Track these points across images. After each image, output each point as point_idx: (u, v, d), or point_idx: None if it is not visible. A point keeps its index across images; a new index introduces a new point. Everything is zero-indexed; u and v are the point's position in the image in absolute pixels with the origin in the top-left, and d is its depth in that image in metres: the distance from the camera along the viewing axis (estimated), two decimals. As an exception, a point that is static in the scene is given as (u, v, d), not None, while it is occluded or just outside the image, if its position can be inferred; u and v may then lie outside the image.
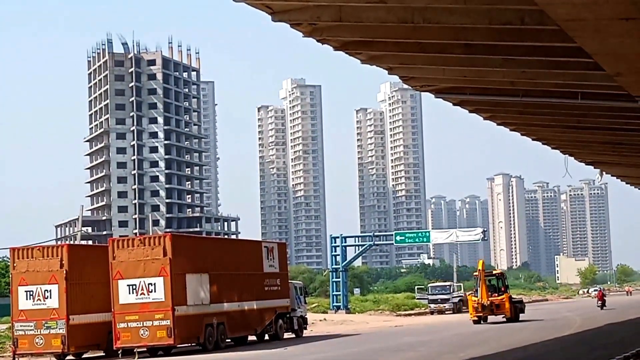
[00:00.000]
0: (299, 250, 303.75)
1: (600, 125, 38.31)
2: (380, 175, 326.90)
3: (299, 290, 45.88)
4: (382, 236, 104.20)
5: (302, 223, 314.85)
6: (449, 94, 35.09)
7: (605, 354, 23.94)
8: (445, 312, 76.27)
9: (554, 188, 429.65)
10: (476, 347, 30.33)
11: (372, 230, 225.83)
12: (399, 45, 28.67)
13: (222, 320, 36.96)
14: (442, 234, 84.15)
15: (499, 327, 45.63)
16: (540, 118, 38.67)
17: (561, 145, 46.73)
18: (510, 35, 26.65)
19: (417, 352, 30.29)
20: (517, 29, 26.60)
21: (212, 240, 54.13)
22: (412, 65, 30.96)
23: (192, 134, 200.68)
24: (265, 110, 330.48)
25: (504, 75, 30.61)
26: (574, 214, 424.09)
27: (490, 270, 56.67)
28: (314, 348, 35.46)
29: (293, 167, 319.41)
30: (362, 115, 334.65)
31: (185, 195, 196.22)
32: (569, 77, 29.34)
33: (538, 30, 26.13)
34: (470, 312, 51.40)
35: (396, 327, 52.70)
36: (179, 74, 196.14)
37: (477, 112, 38.91)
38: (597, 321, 43.72)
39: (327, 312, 76.45)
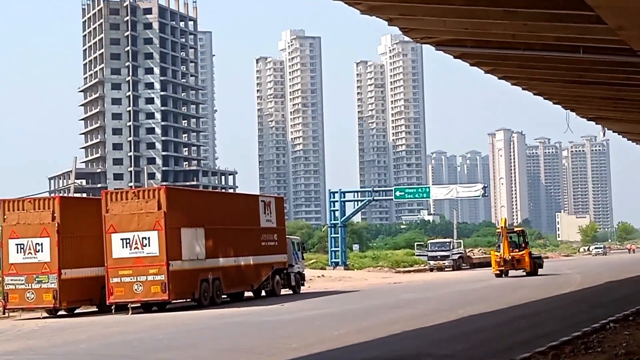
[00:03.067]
0: (297, 206, 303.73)
1: (601, 80, 37.74)
2: (380, 129, 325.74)
3: (296, 245, 45.55)
4: (381, 191, 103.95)
5: (300, 178, 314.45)
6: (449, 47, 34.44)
7: (605, 313, 23.60)
8: (444, 269, 75.94)
9: (555, 144, 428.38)
10: (475, 304, 30.00)
11: (371, 186, 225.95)
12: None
13: (218, 275, 36.61)
14: (442, 190, 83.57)
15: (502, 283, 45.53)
16: (541, 72, 38.08)
17: (562, 101, 46.14)
18: (511, -14, 25.98)
19: (414, 309, 29.96)
20: (518, -20, 25.88)
21: (208, 194, 53.55)
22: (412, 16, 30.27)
23: (189, 85, 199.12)
24: (264, 62, 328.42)
25: (505, 28, 29.97)
26: (575, 171, 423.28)
27: (512, 227, 60.42)
28: (311, 304, 35.10)
29: (292, 121, 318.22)
30: (363, 68, 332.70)
31: (181, 148, 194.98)
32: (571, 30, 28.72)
33: (540, -19, 25.44)
34: (492, 266, 54.77)
35: (395, 284, 52.42)
36: (176, 23, 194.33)
37: (478, 66, 38.27)
38: (598, 279, 43.43)
39: (325, 269, 76.20)
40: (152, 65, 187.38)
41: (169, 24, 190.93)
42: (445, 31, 31.69)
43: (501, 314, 26.43)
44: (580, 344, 16.60)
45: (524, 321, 23.06)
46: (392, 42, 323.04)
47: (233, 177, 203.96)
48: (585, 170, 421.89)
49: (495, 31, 30.65)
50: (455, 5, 27.76)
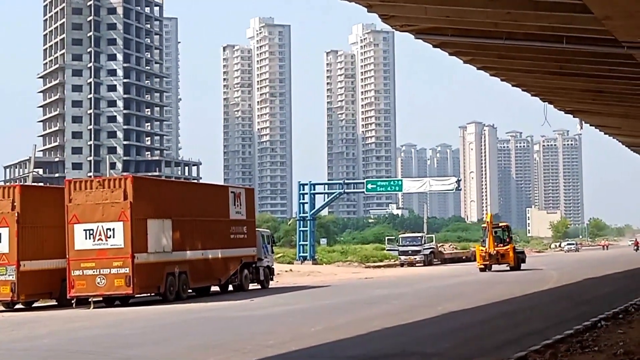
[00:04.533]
0: (263, 198, 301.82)
1: (583, 71, 36.99)
2: (349, 121, 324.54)
3: (266, 238, 44.43)
4: (352, 184, 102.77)
5: (266, 169, 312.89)
6: (429, 35, 33.48)
7: (592, 310, 22.84)
8: (415, 264, 75.07)
9: (527, 138, 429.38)
10: (453, 300, 29.09)
11: (340, 178, 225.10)
12: (380, -20, 27.02)
13: (185, 269, 35.50)
14: (414, 183, 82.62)
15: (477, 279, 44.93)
16: (522, 63, 37.30)
17: (541, 92, 45.38)
18: (496, -27, 25.12)
19: (390, 305, 28.99)
20: (503, -34, 25.06)
21: (175, 184, 52.29)
22: (393, 2, 29.31)
23: (153, 73, 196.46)
24: (231, 50, 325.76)
25: (487, 16, 29.07)
26: (546, 166, 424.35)
27: (497, 223, 61.00)
28: (282, 300, 34.04)
29: (259, 111, 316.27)
30: (333, 58, 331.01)
31: (144, 137, 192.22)
32: (555, 19, 27.88)
33: (526, -32, 24.56)
34: (477, 260, 56.32)
35: (366, 279, 51.50)
36: (141, 8, 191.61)
37: (457, 55, 37.38)
38: (575, 276, 42.76)
39: (293, 263, 75.25)
40: (115, 51, 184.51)
41: (134, 9, 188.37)
42: (425, 19, 30.71)
43: (482, 311, 25.57)
44: (575, 343, 16.02)
45: (507, 318, 22.23)
46: (363, 31, 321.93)
47: (197, 167, 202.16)
48: (556, 165, 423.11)
49: (477, 19, 29.71)
50: (438, -8, 26.80)
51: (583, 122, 53.17)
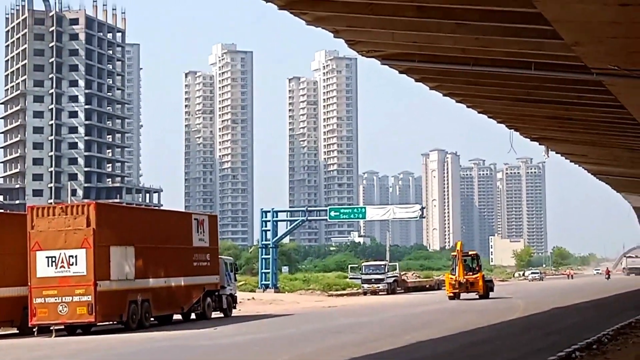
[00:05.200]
0: (224, 225, 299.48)
1: (550, 98, 37.01)
2: (311, 148, 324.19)
3: (229, 266, 44.06)
4: (315, 211, 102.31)
5: (228, 196, 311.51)
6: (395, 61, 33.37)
7: (562, 340, 22.55)
8: (379, 293, 74.44)
9: (490, 166, 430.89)
10: (420, 330, 28.70)
11: (301, 206, 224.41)
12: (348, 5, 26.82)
13: (147, 297, 35.04)
14: (378, 211, 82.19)
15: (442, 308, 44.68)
16: (488, 89, 37.25)
17: (508, 119, 45.35)
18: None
19: (357, 334, 28.56)
20: (475, -9, 24.92)
21: (139, 211, 51.74)
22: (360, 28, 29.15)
23: (115, 99, 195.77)
24: (193, 77, 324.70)
25: (455, 42, 28.95)
26: (509, 194, 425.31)
27: (467, 251, 60.24)
28: (246, 328, 33.55)
29: (220, 137, 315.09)
30: (295, 85, 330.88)
31: (105, 164, 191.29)
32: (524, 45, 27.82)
33: (497, -7, 24.41)
34: (447, 289, 56.51)
35: (330, 308, 51.04)
36: (103, 34, 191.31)
37: (423, 82, 37.30)
38: (542, 305, 42.52)
39: (255, 291, 74.49)
40: (77, 77, 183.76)
41: (96, 35, 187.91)
42: (392, 44, 30.56)
43: (451, 341, 25.18)
44: None
45: (477, 348, 21.85)
46: (326, 58, 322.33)
47: (158, 194, 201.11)
48: (520, 193, 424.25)
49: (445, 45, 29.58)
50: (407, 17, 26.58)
51: (549, 150, 53.23)
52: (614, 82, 29.76)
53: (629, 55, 25.49)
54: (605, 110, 38.05)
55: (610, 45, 24.48)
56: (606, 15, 21.36)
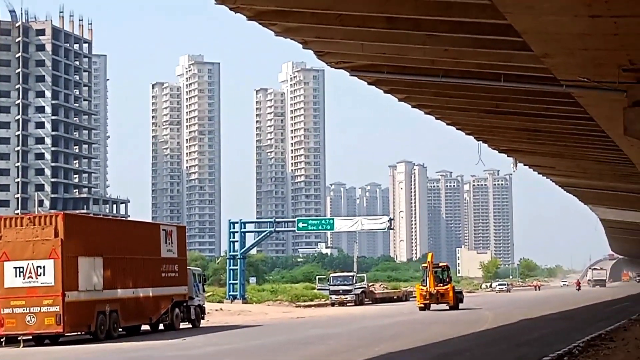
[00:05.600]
0: (191, 236, 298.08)
1: (519, 110, 37.17)
2: (279, 159, 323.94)
3: (197, 277, 43.96)
4: (283, 222, 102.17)
5: (195, 207, 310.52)
6: (365, 72, 33.38)
7: (532, 352, 22.58)
8: (346, 304, 74.40)
9: (457, 177, 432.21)
10: (390, 341, 28.65)
11: (269, 217, 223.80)
12: (317, 16, 26.78)
13: (116, 307, 34.83)
14: (346, 222, 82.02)
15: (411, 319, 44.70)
16: (457, 101, 37.34)
17: (476, 131, 45.48)
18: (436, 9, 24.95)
19: (326, 345, 28.46)
20: (445, 2, 24.93)
21: (107, 222, 51.48)
22: (329, 39, 29.13)
23: (82, 110, 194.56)
24: (160, 88, 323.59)
25: (425, 53, 29.00)
26: (477, 205, 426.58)
27: (437, 263, 61.50)
28: (215, 339, 33.39)
29: (188, 149, 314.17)
30: (262, 96, 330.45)
31: (72, 174, 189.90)
32: (494, 57, 27.90)
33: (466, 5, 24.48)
34: (417, 299, 57.26)
35: (298, 319, 50.95)
36: (70, 45, 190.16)
37: (392, 93, 37.33)
38: (510, 317, 42.61)
39: (223, 302, 74.23)
40: (43, 88, 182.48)
41: (63, 46, 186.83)
42: (362, 55, 30.57)
43: (421, 352, 25.14)
44: None
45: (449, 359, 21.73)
46: (293, 69, 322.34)
47: (125, 205, 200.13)
48: (487, 205, 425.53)
49: (414, 56, 29.61)
50: (376, 28, 26.60)
51: (517, 162, 53.45)
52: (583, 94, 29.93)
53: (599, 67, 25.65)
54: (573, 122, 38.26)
55: (580, 57, 24.62)
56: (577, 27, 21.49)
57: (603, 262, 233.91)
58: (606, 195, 72.42)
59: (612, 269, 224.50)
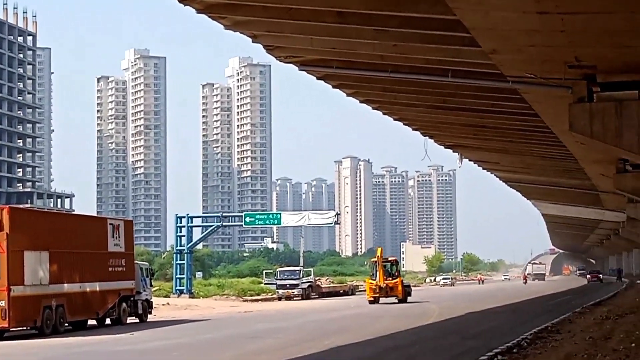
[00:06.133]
0: (136, 231, 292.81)
1: (466, 106, 37.50)
2: (225, 154, 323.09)
3: (144, 272, 43.72)
4: (230, 217, 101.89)
5: (140, 202, 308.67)
6: (314, 67, 33.47)
7: (480, 344, 22.80)
8: (293, 298, 74.60)
9: (402, 173, 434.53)
10: (339, 334, 28.75)
11: (215, 212, 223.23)
12: (267, 10, 26.77)
13: (62, 302, 34.48)
14: (293, 217, 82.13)
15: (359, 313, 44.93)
16: (405, 96, 37.58)
17: (423, 127, 45.83)
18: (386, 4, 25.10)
19: (275, 339, 28.51)
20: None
21: (53, 215, 50.96)
22: (279, 33, 29.15)
23: (26, 103, 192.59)
24: (105, 82, 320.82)
25: (374, 48, 29.15)
26: (421, 201, 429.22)
27: (387, 257, 63.00)
28: (163, 334, 33.25)
29: (133, 143, 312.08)
30: (209, 91, 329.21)
31: (15, 168, 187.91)
32: (442, 52, 28.13)
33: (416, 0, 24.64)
34: (367, 293, 58.00)
35: (246, 313, 50.86)
36: (14, 38, 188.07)
37: (341, 88, 37.50)
38: (456, 310, 42.93)
39: (170, 296, 73.99)
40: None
41: (6, 39, 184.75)
42: (311, 50, 30.64)
43: (370, 345, 25.24)
44: None
45: (397, 353, 21.89)
46: (240, 64, 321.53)
47: (70, 200, 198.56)
48: (431, 200, 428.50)
49: (363, 51, 29.76)
50: (326, 23, 26.68)
51: (463, 157, 53.93)
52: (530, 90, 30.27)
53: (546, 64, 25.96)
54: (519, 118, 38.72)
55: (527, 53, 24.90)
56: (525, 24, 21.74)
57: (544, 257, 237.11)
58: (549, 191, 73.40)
59: (553, 263, 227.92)
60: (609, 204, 69.95)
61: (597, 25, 21.41)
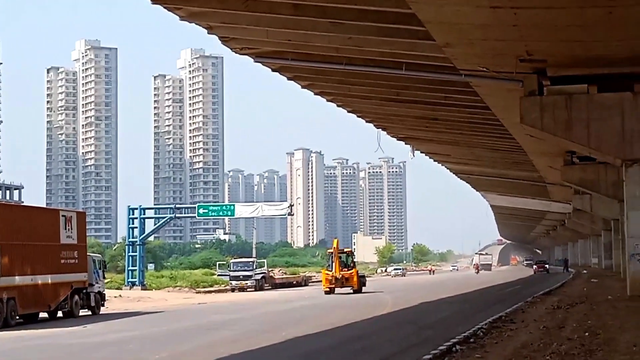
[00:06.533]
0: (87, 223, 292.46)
1: (419, 99, 37.90)
2: (177, 145, 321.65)
3: (97, 264, 43.52)
4: (183, 209, 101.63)
5: (91, 194, 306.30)
6: (269, 59, 33.62)
7: (437, 334, 23.01)
8: (247, 290, 74.68)
9: (353, 165, 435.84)
10: (296, 325, 28.82)
11: (167, 203, 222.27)
12: (223, 2, 26.86)
13: (13, 295, 34.22)
14: (247, 208, 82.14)
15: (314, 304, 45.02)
16: (360, 89, 37.91)
17: (376, 119, 46.25)
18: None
19: (232, 331, 28.51)
20: (350, -10, 25.22)
21: (4, 207, 50.29)
22: (234, 24, 29.24)
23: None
24: (56, 72, 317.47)
25: (330, 41, 29.37)
26: (372, 192, 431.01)
27: (343, 248, 63.20)
28: (117, 326, 33.11)
29: (84, 134, 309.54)
30: (161, 82, 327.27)
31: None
32: (397, 45, 28.40)
33: (372, -7, 24.84)
34: (323, 284, 59.18)
35: (200, 305, 50.77)
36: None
37: (296, 80, 37.68)
38: (410, 300, 43.18)
39: (122, 288, 73.68)
40: None
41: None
42: (267, 42, 30.78)
43: (328, 336, 25.34)
44: None
45: (356, 344, 21.95)
46: (192, 56, 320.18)
47: (19, 191, 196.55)
48: (381, 192, 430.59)
49: (319, 44, 29.96)
50: (282, 15, 26.83)
51: (414, 149, 54.49)
52: (481, 83, 30.71)
53: (498, 58, 26.36)
54: (470, 111, 39.22)
55: (480, 47, 25.27)
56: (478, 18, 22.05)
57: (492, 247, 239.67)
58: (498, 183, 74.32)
59: (500, 254, 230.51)
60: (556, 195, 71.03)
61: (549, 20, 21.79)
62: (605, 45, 24.23)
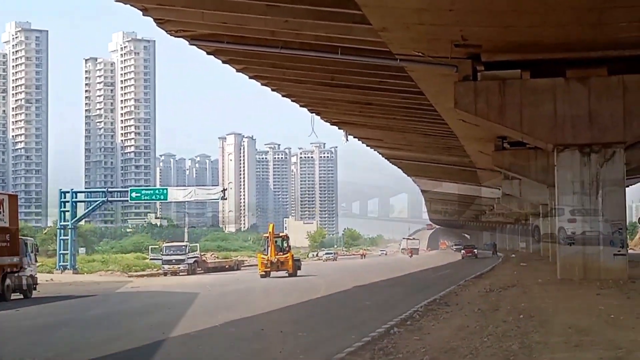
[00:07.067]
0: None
1: (353, 83, 38.01)
2: (108, 129, 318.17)
3: (29, 247, 43.04)
4: (115, 192, 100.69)
5: (21, 177, 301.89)
6: (204, 42, 33.46)
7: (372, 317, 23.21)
8: (179, 274, 74.54)
9: (285, 150, 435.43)
10: (232, 309, 28.74)
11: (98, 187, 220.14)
12: (158, -17, 26.69)
13: (-57, 279, 33.70)
14: (180, 192, 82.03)
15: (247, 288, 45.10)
16: (294, 73, 37.87)
17: (310, 103, 46.28)
18: (277, -21, 25.28)
19: (167, 313, 28.48)
20: (285, -27, 25.16)
21: None
22: (170, 6, 29.07)
23: None
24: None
25: (265, 24, 29.30)
26: (303, 177, 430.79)
27: (278, 233, 64.66)
28: (50, 309, 32.84)
29: (14, 117, 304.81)
30: (92, 65, 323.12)
31: None
32: (333, 29, 28.44)
33: (307, -24, 24.83)
34: (259, 267, 59.52)
35: (133, 289, 50.43)
36: None
37: (230, 63, 37.54)
38: (343, 284, 43.31)
39: (53, 272, 73.00)
40: None
41: None
42: (202, 24, 30.60)
43: (266, 319, 25.32)
44: (377, 350, 15.81)
45: (293, 326, 21.90)
46: (124, 39, 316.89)
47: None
48: (313, 177, 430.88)
49: (254, 27, 29.86)
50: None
51: (348, 134, 54.70)
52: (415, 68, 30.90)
53: (433, 42, 26.58)
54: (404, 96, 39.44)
55: (415, 31, 25.44)
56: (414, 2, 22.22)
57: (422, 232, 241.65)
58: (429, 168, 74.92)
59: (430, 239, 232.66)
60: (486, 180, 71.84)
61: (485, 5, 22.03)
62: (539, 31, 24.56)
